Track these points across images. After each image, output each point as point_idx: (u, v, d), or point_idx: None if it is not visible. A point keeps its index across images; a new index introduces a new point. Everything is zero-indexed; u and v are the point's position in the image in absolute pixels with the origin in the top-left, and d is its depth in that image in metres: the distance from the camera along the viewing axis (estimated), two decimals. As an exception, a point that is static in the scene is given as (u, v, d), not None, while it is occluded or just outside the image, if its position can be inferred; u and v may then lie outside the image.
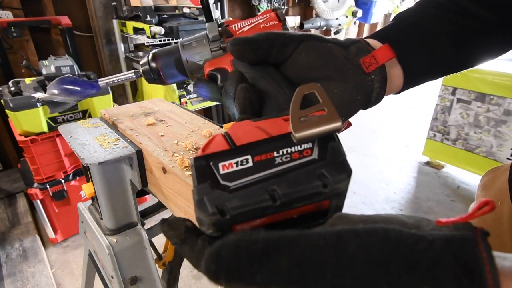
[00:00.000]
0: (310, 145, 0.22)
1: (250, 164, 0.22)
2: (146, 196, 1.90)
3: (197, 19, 2.08)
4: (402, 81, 0.38)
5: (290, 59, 0.34)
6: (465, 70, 0.38)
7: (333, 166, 0.21)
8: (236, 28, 0.42)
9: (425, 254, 0.17)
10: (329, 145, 0.22)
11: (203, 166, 0.22)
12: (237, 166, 0.22)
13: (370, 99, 0.35)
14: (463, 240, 0.17)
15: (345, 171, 0.21)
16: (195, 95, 2.21)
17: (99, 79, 0.55)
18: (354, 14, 3.63)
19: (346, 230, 0.18)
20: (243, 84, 0.31)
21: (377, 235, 0.18)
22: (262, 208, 0.21)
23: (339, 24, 3.56)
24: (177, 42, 0.44)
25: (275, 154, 0.22)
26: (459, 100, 2.23)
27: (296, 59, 0.34)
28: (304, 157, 0.22)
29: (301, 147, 0.22)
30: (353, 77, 0.33)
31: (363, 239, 0.17)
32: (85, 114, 1.60)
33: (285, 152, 0.22)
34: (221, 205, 0.20)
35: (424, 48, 0.36)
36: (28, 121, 1.41)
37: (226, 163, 0.22)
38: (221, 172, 0.22)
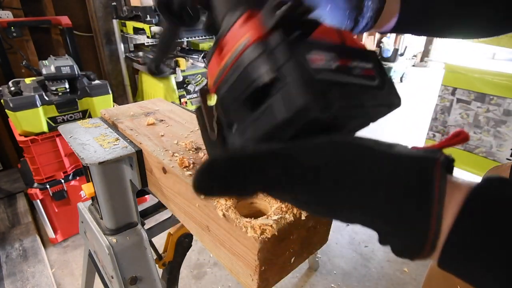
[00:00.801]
0: (371, 65, 0.23)
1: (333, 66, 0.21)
2: (146, 196, 1.90)
3: (197, 19, 2.08)
4: (393, 23, 0.35)
5: None
6: (465, 71, 0.36)
7: (390, 94, 0.23)
8: None
9: (388, 165, 0.20)
10: (386, 77, 0.24)
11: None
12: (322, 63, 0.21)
13: (357, 27, 0.33)
14: (425, 158, 0.20)
15: (397, 103, 0.24)
16: (195, 95, 2.21)
17: None
18: None
19: (327, 143, 0.21)
20: None
21: (351, 149, 0.20)
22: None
23: None
24: (177, 42, 0.44)
25: (353, 63, 0.22)
26: (458, 100, 2.23)
27: None
28: (371, 78, 0.23)
29: (366, 64, 0.23)
30: (350, 1, 0.31)
31: (340, 151, 0.20)
32: (85, 114, 1.60)
33: (357, 65, 0.22)
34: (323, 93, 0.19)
35: None
36: (28, 121, 1.41)
37: (317, 56, 0.20)
38: (312, 65, 0.20)
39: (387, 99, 0.23)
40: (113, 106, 1.68)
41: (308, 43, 0.20)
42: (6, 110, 1.38)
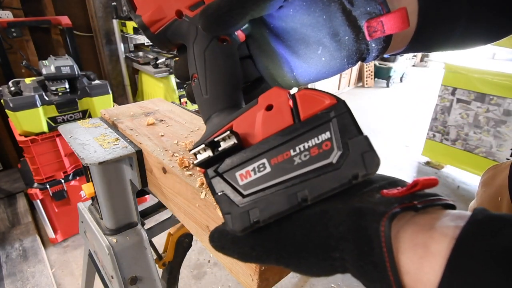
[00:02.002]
0: (328, 135, 0.20)
1: (268, 169, 0.21)
2: (146, 196, 1.90)
3: (197, 19, 2.08)
4: (404, 47, 0.30)
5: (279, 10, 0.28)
6: (465, 71, 0.34)
7: (361, 159, 0.19)
8: None
9: (338, 229, 0.20)
10: (349, 133, 0.20)
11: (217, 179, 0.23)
12: (255, 174, 0.21)
13: (356, 62, 0.29)
14: (373, 213, 0.19)
15: (375, 166, 0.19)
16: (195, 95, 2.21)
17: None
18: None
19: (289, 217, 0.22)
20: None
21: (303, 219, 0.21)
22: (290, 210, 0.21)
23: None
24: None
25: (292, 153, 0.20)
26: (458, 100, 2.23)
27: (286, 13, 0.27)
28: (325, 153, 0.20)
29: (318, 139, 0.20)
30: (349, 44, 0.26)
31: (295, 223, 0.22)
32: (85, 114, 1.60)
33: (302, 149, 0.20)
34: (249, 221, 0.21)
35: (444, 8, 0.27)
36: (28, 121, 1.41)
37: (243, 171, 0.21)
38: (240, 183, 0.22)
39: (347, 175, 0.19)
40: (113, 106, 1.68)
41: (234, 164, 0.22)
42: (6, 110, 1.38)
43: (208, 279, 1.55)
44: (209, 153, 0.23)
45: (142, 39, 1.95)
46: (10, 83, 1.47)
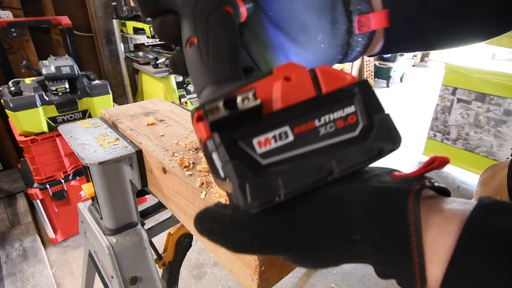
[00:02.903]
0: (353, 108, 0.20)
1: (291, 138, 0.19)
2: (146, 196, 1.90)
3: (197, 19, 2.08)
4: (380, 48, 0.33)
5: None
6: (465, 70, 0.35)
7: (386, 134, 0.19)
8: None
9: (360, 208, 0.19)
10: (373, 109, 0.20)
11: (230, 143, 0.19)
12: (275, 142, 0.19)
13: (345, 59, 0.32)
14: (398, 191, 0.19)
15: (399, 140, 0.19)
16: (195, 95, 2.21)
17: None
18: None
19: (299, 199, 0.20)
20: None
21: (321, 199, 0.20)
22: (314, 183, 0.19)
23: None
24: None
25: (317, 123, 0.19)
26: (459, 100, 2.23)
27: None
28: (351, 126, 0.19)
29: (344, 111, 0.19)
30: (343, 34, 0.29)
31: (312, 203, 0.20)
32: (85, 114, 1.60)
33: (327, 120, 0.19)
34: (272, 193, 0.18)
35: (413, 19, 0.31)
36: (28, 121, 1.41)
37: (262, 138, 0.19)
38: (258, 151, 0.19)
39: (374, 149, 0.19)
40: (113, 106, 1.68)
41: (251, 130, 0.19)
42: (6, 110, 1.38)
43: (208, 279, 1.55)
44: (223, 112, 0.19)
45: (142, 39, 1.95)
46: (10, 83, 1.47)
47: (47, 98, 1.45)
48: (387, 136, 0.19)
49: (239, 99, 0.19)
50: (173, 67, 0.30)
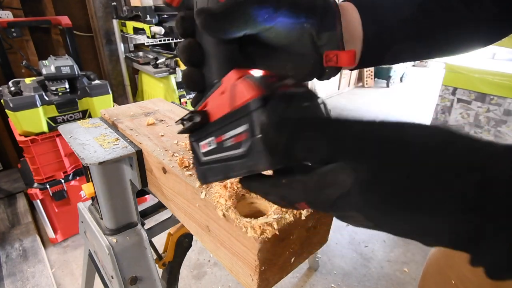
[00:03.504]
0: (243, 128, 0.22)
1: (214, 146, 0.26)
2: (146, 196, 1.90)
3: (197, 19, 2.08)
4: (355, 65, 0.35)
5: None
6: (465, 70, 0.36)
7: (258, 155, 0.22)
8: None
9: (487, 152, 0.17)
10: (255, 131, 0.22)
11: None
12: (209, 146, 0.27)
13: (316, 79, 0.34)
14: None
15: (263, 164, 0.22)
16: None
17: None
18: None
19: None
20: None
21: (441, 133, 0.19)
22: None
23: None
24: (177, 42, 0.43)
25: (223, 138, 0.25)
26: (459, 100, 2.23)
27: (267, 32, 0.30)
28: (239, 144, 0.23)
29: (236, 130, 0.23)
30: (312, 65, 0.32)
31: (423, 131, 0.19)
32: (85, 114, 1.60)
33: (228, 136, 0.24)
34: (205, 179, 0.29)
35: (392, 40, 0.34)
36: (28, 121, 1.41)
37: (202, 143, 0.27)
38: (201, 151, 0.28)
39: (250, 165, 0.22)
40: (113, 106, 1.68)
41: (199, 136, 0.28)
42: (6, 110, 1.38)
43: (208, 279, 1.55)
44: (186, 124, 0.28)
45: (142, 39, 1.95)
46: (10, 83, 1.47)
47: (47, 98, 1.45)
48: (258, 157, 0.21)
49: (187, 117, 0.27)
50: (190, 85, 0.32)
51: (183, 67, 1.97)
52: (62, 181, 1.60)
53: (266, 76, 0.24)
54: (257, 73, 0.24)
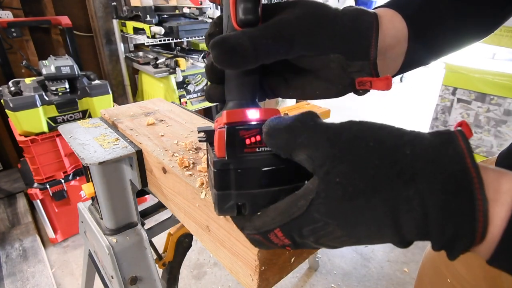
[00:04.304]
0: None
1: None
2: (146, 196, 1.90)
3: (197, 19, 2.08)
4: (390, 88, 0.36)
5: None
6: (465, 70, 0.36)
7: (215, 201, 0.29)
8: None
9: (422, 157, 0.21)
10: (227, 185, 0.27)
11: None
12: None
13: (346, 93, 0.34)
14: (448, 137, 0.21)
15: (216, 209, 0.28)
16: (195, 95, 2.21)
17: None
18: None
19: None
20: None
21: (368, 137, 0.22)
22: None
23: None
24: (177, 42, 0.43)
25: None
26: (459, 100, 2.23)
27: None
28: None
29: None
30: (343, 88, 0.31)
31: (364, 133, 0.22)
32: (85, 114, 1.60)
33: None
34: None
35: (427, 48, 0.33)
36: (28, 121, 1.41)
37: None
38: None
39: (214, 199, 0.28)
40: (113, 106, 1.68)
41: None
42: (6, 110, 1.38)
43: (208, 279, 1.55)
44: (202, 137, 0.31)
45: (142, 39, 1.95)
46: (10, 83, 1.47)
47: (47, 98, 1.45)
48: (214, 205, 0.28)
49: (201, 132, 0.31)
50: (208, 99, 0.33)
51: (183, 67, 1.97)
52: (62, 181, 1.60)
53: (244, 127, 0.26)
54: (244, 115, 0.26)
